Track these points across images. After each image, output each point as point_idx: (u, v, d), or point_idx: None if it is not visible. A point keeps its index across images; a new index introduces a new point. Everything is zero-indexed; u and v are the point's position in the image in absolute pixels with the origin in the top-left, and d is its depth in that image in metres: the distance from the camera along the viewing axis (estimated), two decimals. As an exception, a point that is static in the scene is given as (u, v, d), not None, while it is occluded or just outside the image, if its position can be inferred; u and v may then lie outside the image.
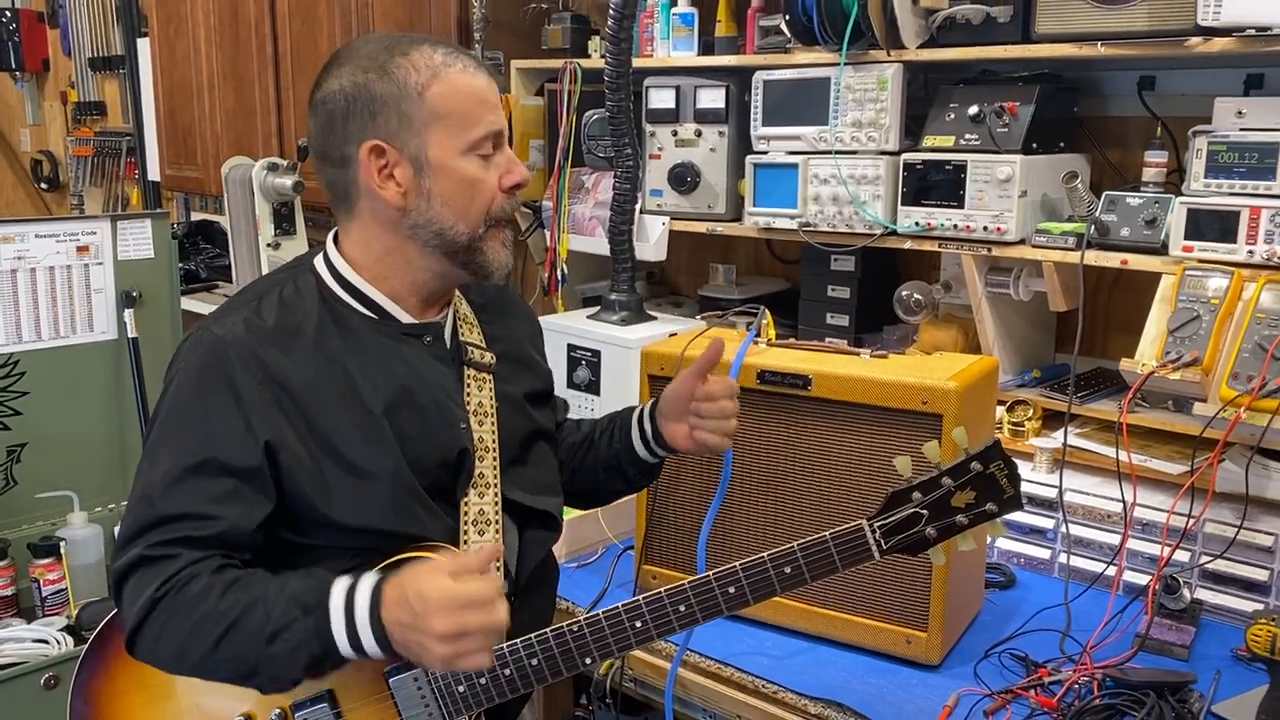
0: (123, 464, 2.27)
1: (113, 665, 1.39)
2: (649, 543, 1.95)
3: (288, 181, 3.23)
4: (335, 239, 1.40)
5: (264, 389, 1.26)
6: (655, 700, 1.83)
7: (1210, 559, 1.90)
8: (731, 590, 1.33)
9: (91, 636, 1.40)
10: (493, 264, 1.36)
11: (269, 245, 3.30)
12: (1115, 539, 1.97)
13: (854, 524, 1.35)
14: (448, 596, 1.16)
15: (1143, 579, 1.89)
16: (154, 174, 4.94)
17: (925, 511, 1.35)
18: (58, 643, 1.86)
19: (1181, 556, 1.91)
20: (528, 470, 1.47)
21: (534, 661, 1.31)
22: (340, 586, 1.22)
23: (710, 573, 1.33)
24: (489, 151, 1.33)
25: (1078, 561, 2.02)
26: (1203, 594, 1.90)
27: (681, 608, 1.31)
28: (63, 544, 2.04)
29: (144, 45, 4.78)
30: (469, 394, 1.39)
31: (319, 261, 1.39)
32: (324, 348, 1.31)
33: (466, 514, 1.35)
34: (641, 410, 1.60)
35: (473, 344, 1.43)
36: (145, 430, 1.32)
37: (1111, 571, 1.93)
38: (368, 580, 1.22)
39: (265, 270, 3.29)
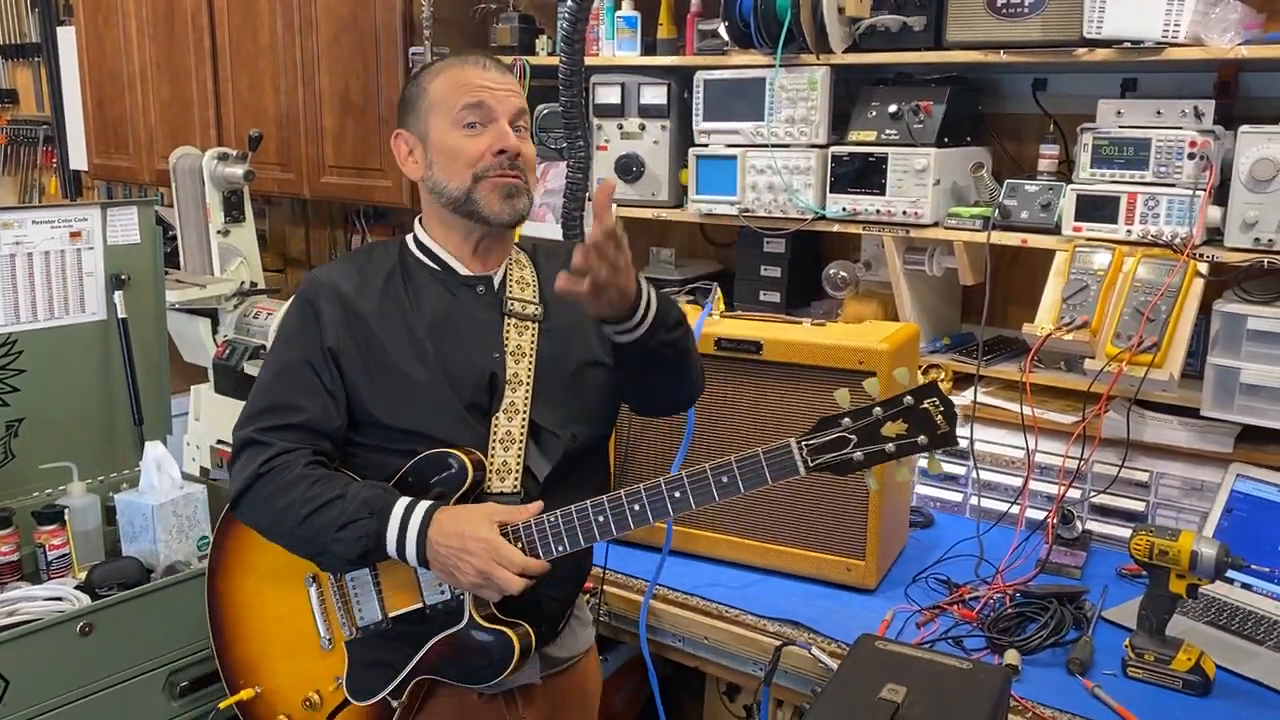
0: (113, 438, 2.38)
1: (236, 528, 1.75)
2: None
3: (238, 170, 3.34)
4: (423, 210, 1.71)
5: (337, 311, 1.59)
6: (626, 631, 2.05)
7: (1097, 493, 2.22)
8: (678, 494, 1.50)
9: (226, 506, 1.71)
10: (485, 209, 1.59)
11: (219, 232, 3.40)
12: (1018, 481, 2.26)
13: (783, 441, 1.48)
14: (491, 547, 1.48)
15: (1042, 514, 2.19)
16: (76, 163, 4.95)
17: (854, 436, 1.45)
18: (75, 600, 2.00)
19: (1074, 494, 2.22)
20: (570, 399, 1.65)
21: (518, 545, 1.52)
22: (403, 501, 1.52)
23: (661, 478, 1.51)
24: (473, 122, 1.59)
25: (987, 502, 2.32)
26: (1092, 525, 2.22)
27: (635, 506, 1.51)
28: (66, 511, 2.17)
29: (65, 34, 4.79)
30: (508, 337, 1.63)
31: (409, 235, 1.71)
32: (390, 288, 1.63)
33: (495, 432, 1.59)
34: None
35: (519, 298, 1.67)
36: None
37: (1015, 510, 2.23)
38: (424, 503, 1.52)
39: (216, 256, 3.40)
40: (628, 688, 2.56)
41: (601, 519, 1.54)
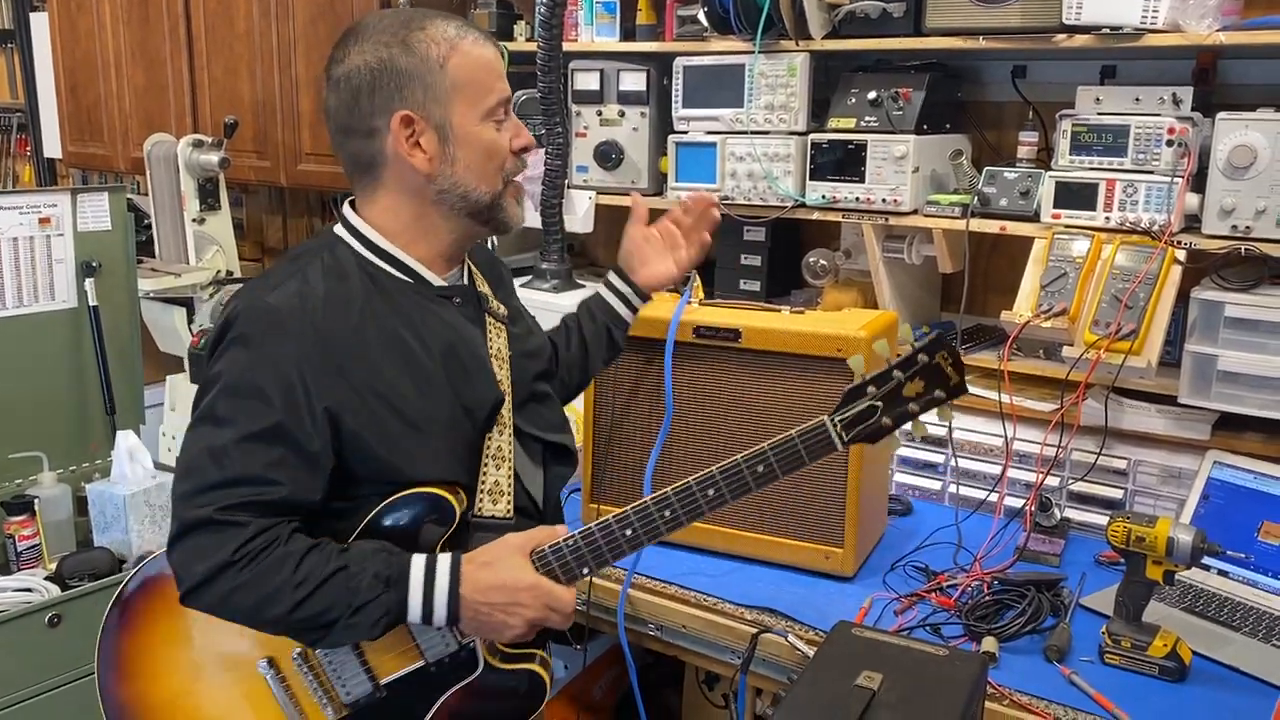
0: (84, 427, 2.36)
1: (136, 624, 1.50)
2: (595, 483, 2.16)
3: (214, 158, 3.31)
4: (355, 209, 1.46)
5: (321, 355, 1.32)
6: (605, 620, 2.04)
7: (1075, 481, 2.22)
8: (711, 492, 1.44)
9: (110, 605, 1.49)
10: (512, 218, 1.47)
11: (194, 220, 3.38)
12: (997, 469, 2.26)
13: (817, 420, 1.45)
14: (542, 592, 1.36)
15: (1020, 502, 2.19)
16: (51, 151, 4.89)
17: (880, 404, 1.46)
18: (45, 591, 1.98)
19: (1052, 481, 2.22)
20: (542, 409, 1.58)
21: (545, 573, 1.41)
22: (418, 563, 1.34)
23: (691, 478, 1.44)
24: (502, 117, 1.43)
25: (965, 490, 2.32)
26: (1070, 513, 2.22)
27: (667, 513, 1.43)
28: (36, 501, 2.14)
29: (38, 20, 4.73)
30: (491, 342, 1.49)
31: (342, 231, 1.45)
32: (373, 312, 1.38)
33: (488, 449, 1.44)
34: (606, 283, 1.84)
35: (488, 295, 1.55)
36: (198, 395, 1.37)
37: (994, 498, 2.22)
38: (444, 559, 1.36)
39: (191, 245, 3.37)
40: (606, 678, 2.54)
41: (629, 532, 1.42)
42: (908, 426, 1.52)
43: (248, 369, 1.31)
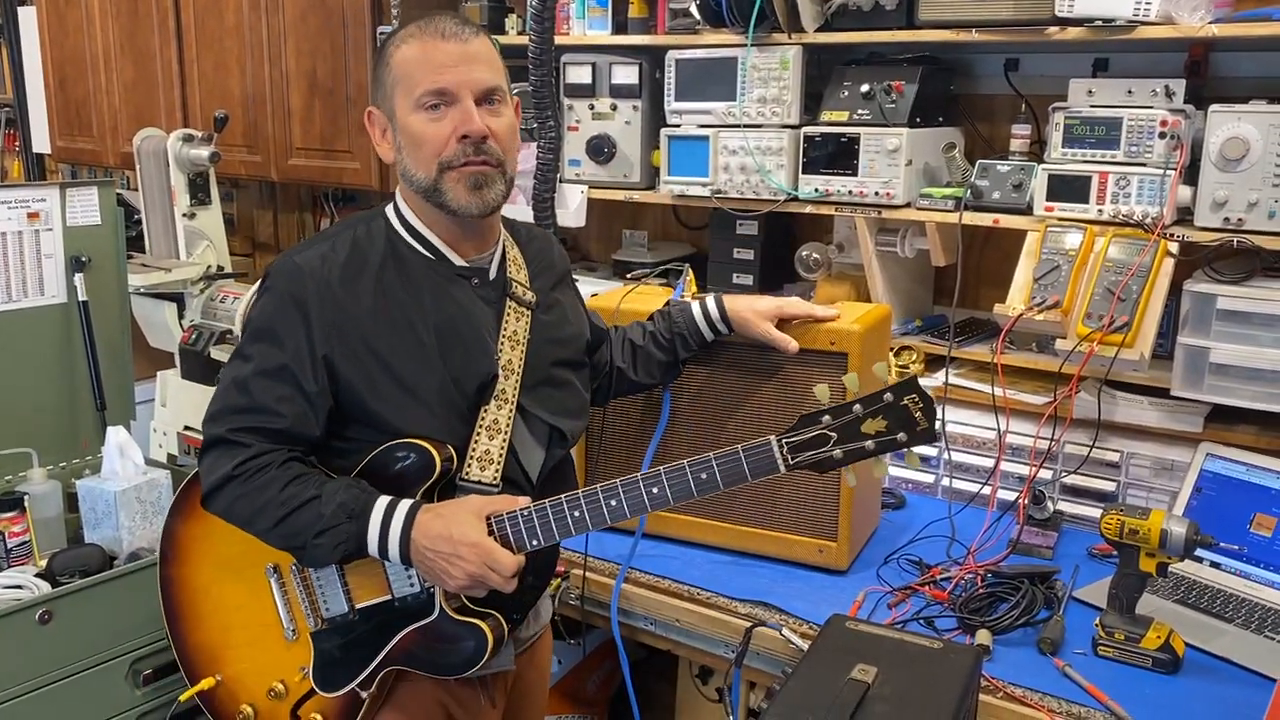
0: (75, 423, 2.34)
1: (191, 515, 1.71)
2: (590, 478, 2.15)
3: (204, 152, 3.29)
4: (401, 190, 1.62)
5: (329, 312, 1.50)
6: (598, 615, 2.04)
7: (1068, 474, 2.22)
8: (655, 490, 1.54)
9: (178, 490, 1.75)
10: (452, 203, 1.52)
11: (185, 215, 3.35)
12: (990, 462, 2.26)
13: (763, 439, 1.52)
14: (483, 551, 1.46)
15: (1013, 495, 2.19)
16: (39, 146, 4.87)
17: (834, 434, 1.48)
18: (35, 588, 1.96)
19: (1045, 474, 2.22)
20: (556, 394, 1.67)
21: (495, 537, 1.52)
22: (381, 502, 1.49)
23: (639, 474, 1.55)
24: (435, 104, 1.48)
25: (958, 484, 2.32)
26: (1063, 505, 2.22)
27: (612, 502, 1.54)
28: (26, 498, 2.13)
29: (26, 14, 4.70)
30: (507, 322, 1.60)
31: (389, 209, 1.61)
32: (384, 282, 1.54)
33: (483, 420, 1.56)
34: (704, 308, 1.89)
35: (518, 281, 1.64)
36: (239, 341, 1.60)
37: (987, 491, 2.23)
38: (405, 504, 1.49)
39: (181, 240, 3.35)
40: (600, 672, 2.54)
41: (577, 514, 1.54)
42: (872, 464, 1.53)
43: (269, 316, 1.51)
